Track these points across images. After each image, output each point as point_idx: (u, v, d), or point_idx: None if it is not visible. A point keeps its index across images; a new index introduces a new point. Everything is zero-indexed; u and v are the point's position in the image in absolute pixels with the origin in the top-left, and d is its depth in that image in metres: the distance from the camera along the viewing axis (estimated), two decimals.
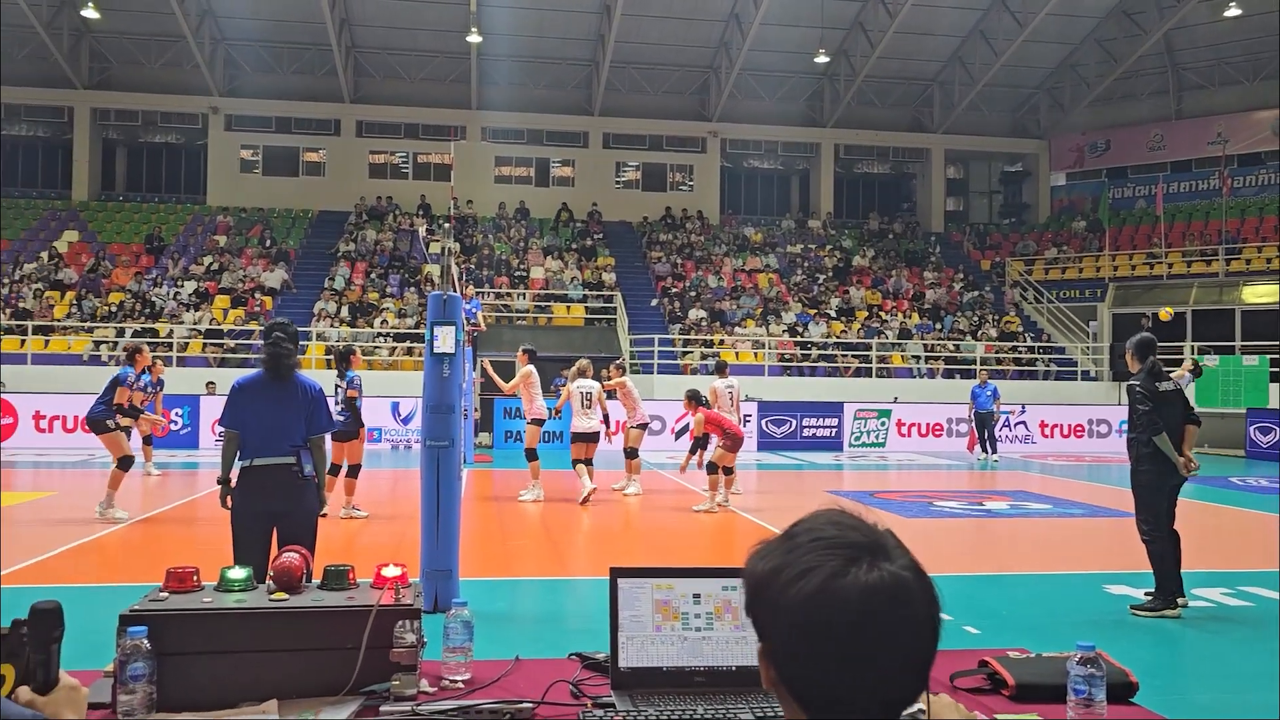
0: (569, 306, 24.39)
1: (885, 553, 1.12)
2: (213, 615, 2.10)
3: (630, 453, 12.35)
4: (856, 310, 25.56)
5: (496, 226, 27.93)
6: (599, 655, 2.28)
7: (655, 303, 25.16)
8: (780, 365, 22.79)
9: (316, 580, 2.37)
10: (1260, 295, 24.19)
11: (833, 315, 25.03)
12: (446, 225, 24.90)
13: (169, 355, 20.63)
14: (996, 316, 26.00)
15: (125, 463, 9.71)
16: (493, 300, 23.69)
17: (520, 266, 25.78)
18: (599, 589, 2.40)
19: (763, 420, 19.69)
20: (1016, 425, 20.70)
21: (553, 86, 28.97)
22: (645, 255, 27.62)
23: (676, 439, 19.13)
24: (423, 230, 26.15)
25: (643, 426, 12.53)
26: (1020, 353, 24.50)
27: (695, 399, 10.93)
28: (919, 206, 32.66)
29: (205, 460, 15.46)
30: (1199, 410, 7.65)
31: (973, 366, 22.53)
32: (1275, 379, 20.67)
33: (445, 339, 6.09)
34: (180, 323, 21.89)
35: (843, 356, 23.23)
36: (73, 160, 28.47)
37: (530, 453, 11.63)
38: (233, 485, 4.94)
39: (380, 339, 22.09)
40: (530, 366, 11.64)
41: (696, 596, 2.19)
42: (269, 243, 25.77)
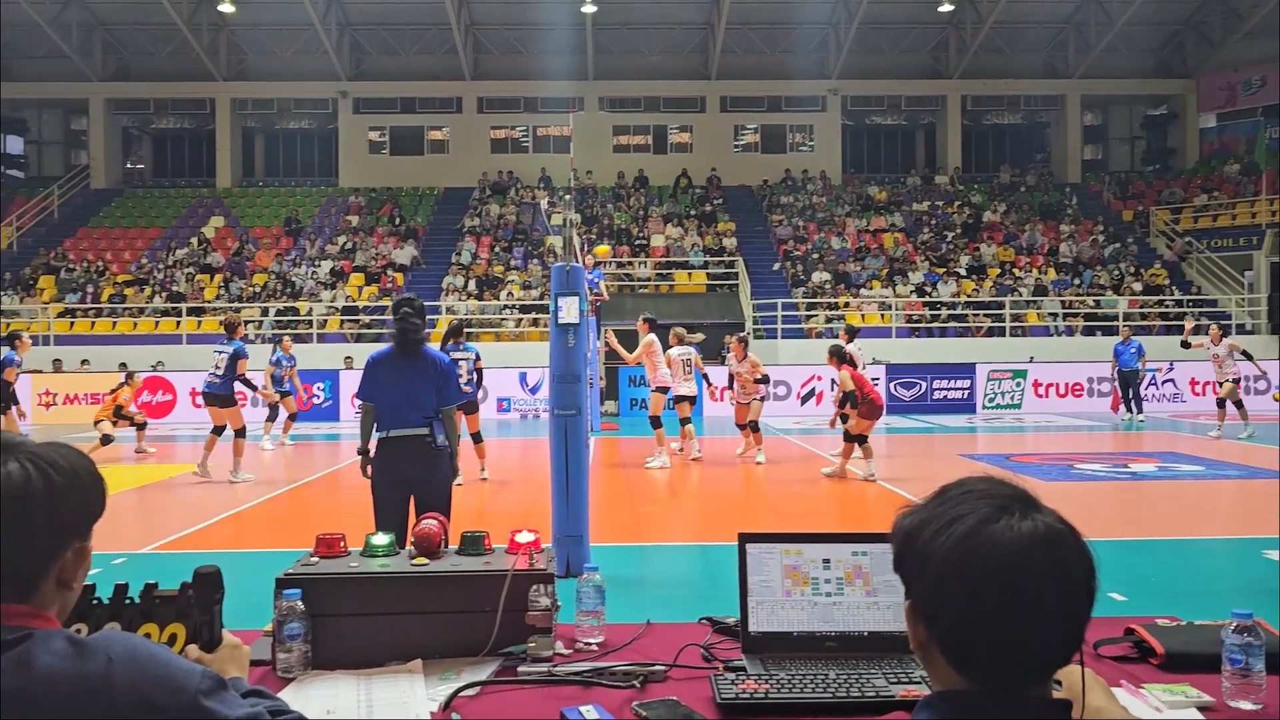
0: (690, 273, 24.34)
1: (1038, 506, 1.08)
2: (360, 579, 2.21)
3: (654, 421, 11.78)
4: (988, 268, 24.65)
5: (616, 196, 28.09)
6: (729, 620, 2.30)
7: (777, 266, 24.86)
8: (908, 327, 22.23)
9: (453, 546, 2.46)
10: None
11: (962, 274, 24.21)
12: (567, 197, 25.17)
13: (309, 333, 21.64)
14: (1140, 269, 24.68)
15: (242, 432, 10.68)
16: (614, 270, 23.87)
17: (640, 235, 25.86)
18: (728, 554, 2.41)
19: (891, 383, 19.27)
20: (1164, 383, 19.67)
21: (668, 52, 28.82)
22: (766, 219, 27.30)
23: (802, 404, 18.96)
24: (544, 203, 26.52)
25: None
26: (1167, 306, 23.19)
27: (839, 355, 10.65)
28: (1053, 157, 31.18)
29: (346, 432, 16.18)
30: None
31: (1115, 323, 21.48)
32: None
33: (569, 309, 6.17)
34: (318, 301, 22.89)
35: (974, 316, 22.48)
36: (216, 149, 30.03)
37: (654, 420, 11.75)
38: (371, 455, 5.14)
39: (506, 311, 22.60)
40: (652, 335, 11.74)
41: (826, 562, 2.18)
42: (398, 221, 26.63)
